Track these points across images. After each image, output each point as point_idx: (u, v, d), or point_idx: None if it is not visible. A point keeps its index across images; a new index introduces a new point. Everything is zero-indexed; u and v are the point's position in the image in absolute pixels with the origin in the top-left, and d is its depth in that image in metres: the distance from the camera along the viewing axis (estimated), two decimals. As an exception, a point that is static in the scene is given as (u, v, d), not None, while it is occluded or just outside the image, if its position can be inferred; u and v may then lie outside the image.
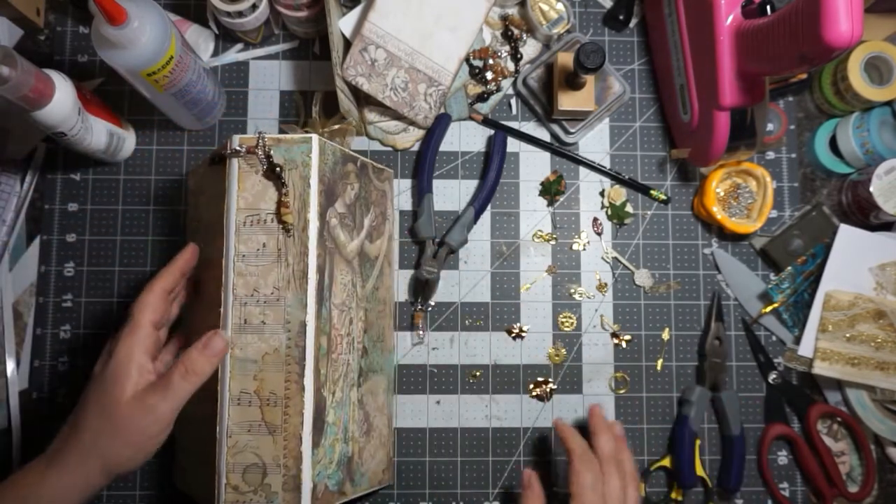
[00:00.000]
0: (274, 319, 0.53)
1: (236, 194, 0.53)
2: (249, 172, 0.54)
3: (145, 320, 0.52)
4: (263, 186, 0.53)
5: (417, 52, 0.68)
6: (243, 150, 0.53)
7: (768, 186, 0.70)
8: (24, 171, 0.70)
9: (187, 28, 0.71)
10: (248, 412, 0.52)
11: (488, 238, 0.72)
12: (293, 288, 0.53)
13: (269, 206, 0.53)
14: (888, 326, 0.67)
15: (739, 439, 0.68)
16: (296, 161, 0.54)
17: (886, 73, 0.70)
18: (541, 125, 0.73)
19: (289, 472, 0.52)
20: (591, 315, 0.71)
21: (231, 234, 0.53)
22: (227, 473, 0.52)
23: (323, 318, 0.54)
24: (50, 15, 0.73)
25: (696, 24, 0.64)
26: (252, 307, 0.53)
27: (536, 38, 0.73)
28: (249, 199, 0.53)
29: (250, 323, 0.53)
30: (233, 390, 0.52)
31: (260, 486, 0.52)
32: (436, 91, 0.69)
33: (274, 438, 0.52)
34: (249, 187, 0.54)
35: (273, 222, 0.53)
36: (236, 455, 0.52)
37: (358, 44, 0.67)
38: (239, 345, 0.53)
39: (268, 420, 0.52)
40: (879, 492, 0.69)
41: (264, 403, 0.52)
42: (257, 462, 0.52)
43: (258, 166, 0.53)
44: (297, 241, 0.53)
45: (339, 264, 0.57)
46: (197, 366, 0.51)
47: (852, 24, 0.48)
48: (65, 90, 0.58)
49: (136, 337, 0.51)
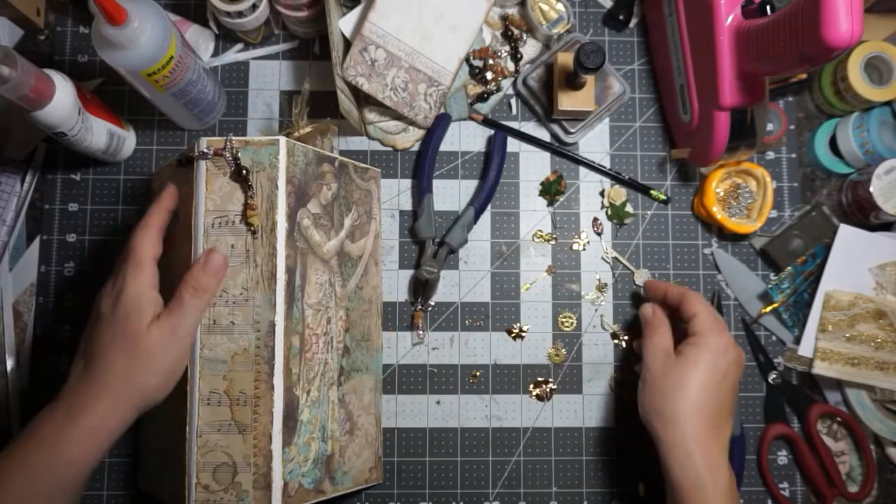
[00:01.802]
0: (243, 320, 0.53)
1: (204, 196, 0.54)
2: (217, 174, 0.54)
3: (148, 256, 0.53)
4: (231, 188, 0.54)
5: (417, 52, 0.68)
6: (210, 153, 0.54)
7: (768, 186, 0.70)
8: (24, 171, 0.70)
9: (187, 28, 0.71)
10: (217, 412, 0.53)
11: (488, 238, 0.72)
12: (262, 288, 0.53)
13: (237, 208, 0.54)
14: (888, 326, 0.67)
15: (739, 439, 0.68)
16: (263, 163, 0.54)
17: (886, 73, 0.70)
18: (541, 125, 0.73)
19: (259, 471, 0.52)
20: (591, 315, 0.71)
21: (199, 235, 0.54)
22: (198, 473, 0.52)
23: (294, 317, 0.55)
24: (50, 15, 0.73)
25: (696, 24, 0.64)
26: (221, 307, 0.53)
27: (536, 38, 0.73)
28: (217, 201, 0.54)
29: (219, 323, 0.53)
30: (202, 390, 0.53)
31: (230, 485, 0.52)
32: (436, 91, 0.69)
33: (244, 437, 0.53)
34: (217, 189, 0.54)
35: (241, 223, 0.54)
36: (206, 454, 0.52)
37: (358, 44, 0.67)
38: (208, 345, 0.53)
39: (237, 419, 0.53)
40: (879, 492, 0.69)
41: (234, 403, 0.53)
42: (227, 461, 0.52)
43: (226, 168, 0.54)
44: (265, 242, 0.54)
45: (313, 264, 0.57)
46: (203, 283, 0.52)
47: (852, 24, 0.48)
48: (65, 90, 0.58)
49: (143, 273, 0.52)
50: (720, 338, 0.59)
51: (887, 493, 0.70)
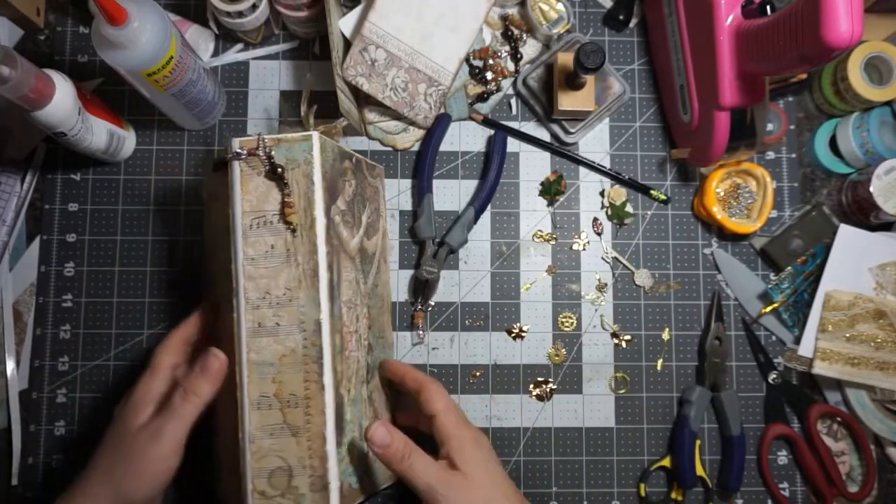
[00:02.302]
0: (288, 320, 0.52)
1: (240, 197, 0.53)
2: (251, 174, 0.53)
3: (164, 364, 0.55)
4: (266, 187, 0.53)
5: (417, 52, 0.68)
6: (244, 153, 0.53)
7: (768, 186, 0.70)
8: (24, 171, 0.70)
9: (187, 28, 0.71)
10: (268, 416, 0.52)
11: (488, 238, 0.72)
12: (305, 287, 0.52)
13: (273, 207, 0.53)
14: (888, 326, 0.67)
15: (739, 439, 0.68)
16: (298, 160, 0.53)
17: (886, 73, 0.70)
18: (541, 125, 0.73)
19: (315, 473, 0.51)
20: (591, 315, 0.71)
21: (238, 237, 0.53)
22: (253, 479, 0.51)
23: (335, 315, 0.54)
24: (50, 15, 0.73)
25: (696, 24, 0.64)
26: (265, 310, 0.52)
27: (536, 38, 0.73)
28: (254, 202, 0.53)
29: (264, 326, 0.52)
30: (251, 395, 0.52)
31: (287, 489, 0.51)
32: (436, 91, 0.69)
33: (297, 440, 0.51)
34: (252, 189, 0.53)
35: (279, 223, 0.53)
36: (260, 460, 0.51)
37: (358, 44, 0.67)
38: (254, 349, 0.52)
39: (290, 422, 0.52)
40: (879, 492, 0.69)
41: (285, 405, 0.52)
42: (282, 465, 0.51)
43: (260, 168, 0.53)
44: (304, 240, 0.53)
45: (343, 261, 0.57)
46: (196, 387, 0.52)
47: (852, 24, 0.48)
48: (65, 90, 0.58)
49: (154, 379, 0.54)
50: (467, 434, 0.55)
51: (887, 493, 0.69)
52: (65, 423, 0.68)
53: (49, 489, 0.67)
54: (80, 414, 0.68)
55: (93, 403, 0.68)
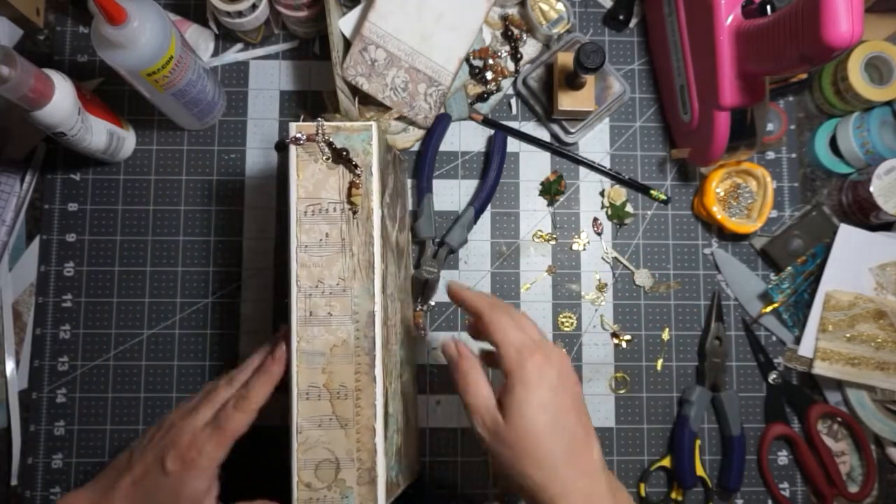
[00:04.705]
0: (340, 311, 0.52)
1: (296, 183, 0.52)
2: (308, 161, 0.53)
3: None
4: (324, 175, 0.52)
5: (417, 52, 0.68)
6: (303, 138, 0.52)
7: (768, 186, 0.70)
8: (24, 171, 0.70)
9: (187, 28, 0.71)
10: (317, 406, 0.51)
11: (488, 238, 0.72)
12: (360, 278, 0.52)
13: (330, 195, 0.52)
14: (888, 326, 0.67)
15: (739, 439, 0.68)
16: (356, 149, 0.53)
17: (886, 73, 0.70)
18: (541, 125, 0.73)
19: (363, 466, 0.51)
20: (591, 315, 0.71)
21: (293, 223, 0.52)
22: (299, 471, 0.51)
23: (385, 307, 0.54)
24: (50, 15, 0.73)
25: (696, 24, 0.64)
26: (318, 298, 0.52)
27: (536, 38, 0.73)
28: (309, 188, 0.52)
29: (316, 315, 0.52)
30: (301, 384, 0.51)
31: (334, 482, 0.51)
32: (436, 91, 0.69)
33: (346, 432, 0.51)
34: (309, 176, 0.52)
35: (335, 211, 0.52)
36: (307, 451, 0.51)
37: (358, 44, 0.67)
38: (305, 338, 0.51)
39: (339, 413, 0.51)
40: (879, 492, 0.69)
41: (334, 397, 0.51)
42: (329, 457, 0.51)
43: (317, 154, 0.53)
44: (360, 230, 0.52)
45: (388, 254, 0.57)
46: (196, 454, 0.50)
47: (852, 24, 0.48)
48: (65, 90, 0.58)
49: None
50: (532, 362, 0.47)
51: (887, 494, 0.69)
52: (65, 423, 0.68)
53: (49, 489, 0.67)
54: (80, 414, 0.68)
55: (93, 403, 0.68)
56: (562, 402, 0.47)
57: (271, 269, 0.70)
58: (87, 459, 0.67)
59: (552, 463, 0.45)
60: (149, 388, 0.69)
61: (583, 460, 0.46)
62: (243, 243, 0.70)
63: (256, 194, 0.71)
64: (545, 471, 0.45)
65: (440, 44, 0.68)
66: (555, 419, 0.46)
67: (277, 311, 0.70)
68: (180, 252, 0.70)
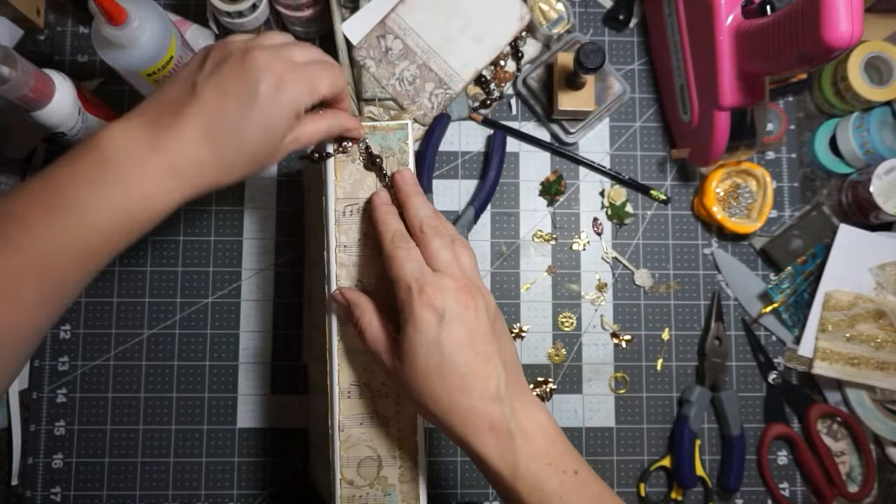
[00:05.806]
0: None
1: (334, 184, 0.53)
2: (346, 161, 0.53)
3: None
4: (361, 175, 0.53)
5: (435, 52, 0.68)
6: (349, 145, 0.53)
7: (768, 186, 0.70)
8: (24, 171, 0.70)
9: (187, 28, 0.71)
10: (358, 404, 0.51)
11: (488, 238, 0.72)
12: None
13: (368, 195, 0.52)
14: (888, 326, 0.67)
15: (739, 439, 0.68)
16: (392, 149, 0.53)
17: (886, 73, 0.70)
18: (541, 125, 0.73)
19: (405, 464, 0.51)
20: (591, 315, 0.71)
21: (331, 223, 0.52)
22: (342, 468, 0.51)
23: None
24: (50, 15, 0.73)
25: (696, 24, 0.64)
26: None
27: (536, 38, 0.73)
28: (347, 189, 0.53)
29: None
30: (342, 383, 0.51)
31: (376, 480, 0.51)
32: (443, 94, 0.69)
33: (387, 430, 0.51)
34: (347, 176, 0.53)
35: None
36: (349, 449, 0.51)
37: (377, 30, 0.67)
38: (345, 336, 0.52)
39: (380, 411, 0.51)
40: (879, 492, 0.69)
41: (375, 395, 0.51)
42: (372, 455, 0.51)
43: (355, 155, 0.53)
44: None
45: None
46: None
47: (852, 24, 0.48)
48: (65, 90, 0.58)
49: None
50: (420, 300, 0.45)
51: (887, 494, 0.70)
52: (65, 423, 0.68)
53: (49, 489, 0.67)
54: (80, 414, 0.68)
55: (93, 403, 0.68)
56: (453, 338, 0.45)
57: (271, 269, 0.70)
58: (88, 459, 0.67)
59: (447, 398, 0.45)
60: (149, 388, 0.69)
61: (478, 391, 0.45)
62: (243, 243, 0.71)
63: (256, 194, 0.71)
64: (441, 404, 0.45)
65: (460, 50, 0.68)
66: (446, 357, 0.45)
67: (277, 310, 0.70)
68: (180, 252, 0.70)
